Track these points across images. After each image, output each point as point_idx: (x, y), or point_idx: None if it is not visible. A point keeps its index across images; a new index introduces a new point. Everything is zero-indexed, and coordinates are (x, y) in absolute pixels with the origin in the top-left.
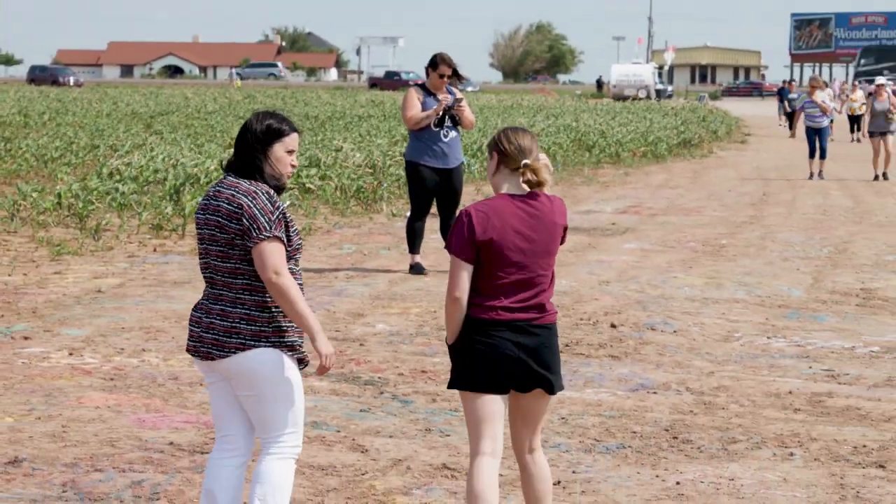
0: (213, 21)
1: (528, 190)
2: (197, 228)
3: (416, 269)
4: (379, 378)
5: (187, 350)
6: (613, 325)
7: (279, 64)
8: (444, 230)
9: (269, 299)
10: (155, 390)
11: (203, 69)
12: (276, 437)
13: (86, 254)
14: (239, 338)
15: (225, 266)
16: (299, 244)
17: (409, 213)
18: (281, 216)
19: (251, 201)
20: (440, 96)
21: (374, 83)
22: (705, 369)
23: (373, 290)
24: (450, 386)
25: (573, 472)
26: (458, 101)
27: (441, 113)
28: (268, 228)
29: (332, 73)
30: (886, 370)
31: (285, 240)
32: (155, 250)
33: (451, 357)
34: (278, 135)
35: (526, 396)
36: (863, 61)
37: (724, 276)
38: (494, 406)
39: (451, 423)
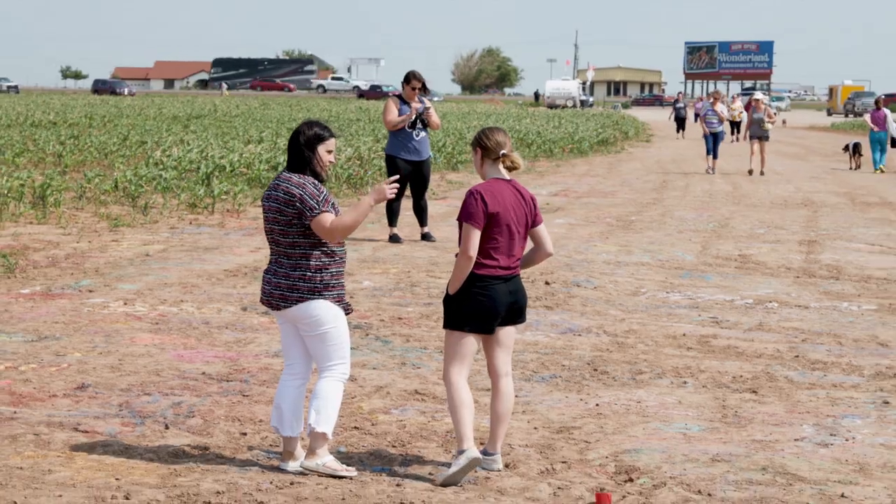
0: (235, 44)
1: (509, 174)
2: (263, 213)
3: (393, 239)
4: (365, 323)
5: (261, 301)
6: (547, 283)
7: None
8: (416, 209)
9: (320, 264)
10: (191, 332)
11: None
12: (329, 366)
13: (136, 226)
14: (299, 293)
15: (286, 240)
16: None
17: None
18: (325, 197)
19: (301, 191)
20: (413, 104)
21: (362, 94)
22: (618, 317)
23: (360, 254)
24: (445, 326)
25: (516, 396)
26: (427, 108)
27: (413, 117)
28: (317, 207)
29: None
30: (758, 318)
31: (333, 212)
32: (190, 223)
33: (450, 304)
34: (321, 139)
35: (505, 329)
36: (213, 70)
37: (633, 245)
38: (475, 345)
39: (422, 358)
